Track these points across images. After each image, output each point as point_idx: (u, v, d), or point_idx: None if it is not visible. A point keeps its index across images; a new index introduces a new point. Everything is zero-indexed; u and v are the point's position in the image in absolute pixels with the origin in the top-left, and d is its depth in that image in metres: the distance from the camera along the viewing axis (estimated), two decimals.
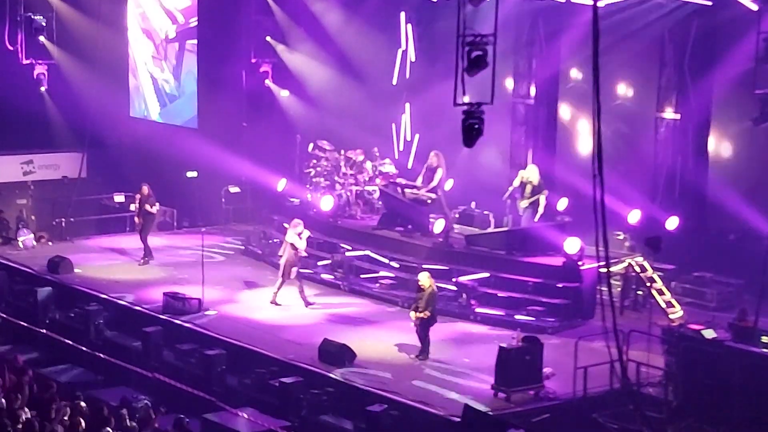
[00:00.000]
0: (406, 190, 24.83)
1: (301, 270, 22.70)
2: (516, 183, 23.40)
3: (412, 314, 19.59)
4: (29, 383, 15.29)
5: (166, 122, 31.71)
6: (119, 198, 30.58)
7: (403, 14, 27.27)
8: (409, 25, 27.22)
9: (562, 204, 23.35)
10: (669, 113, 24.26)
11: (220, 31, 29.70)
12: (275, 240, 26.59)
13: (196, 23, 30.38)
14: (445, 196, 24.58)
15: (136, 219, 26.07)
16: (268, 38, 29.60)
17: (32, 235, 27.47)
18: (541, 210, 23.02)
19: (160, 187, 29.55)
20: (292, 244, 22.36)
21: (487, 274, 22.43)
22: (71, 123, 31.64)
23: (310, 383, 18.46)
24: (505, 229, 23.62)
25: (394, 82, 27.34)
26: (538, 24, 25.56)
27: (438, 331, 19.86)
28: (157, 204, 26.11)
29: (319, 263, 24.83)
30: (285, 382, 18.39)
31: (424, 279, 19.65)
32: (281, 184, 26.96)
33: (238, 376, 19.46)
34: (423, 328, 19.51)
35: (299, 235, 22.43)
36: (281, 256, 22.59)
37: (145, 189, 25.67)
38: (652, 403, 17.31)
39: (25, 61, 30.41)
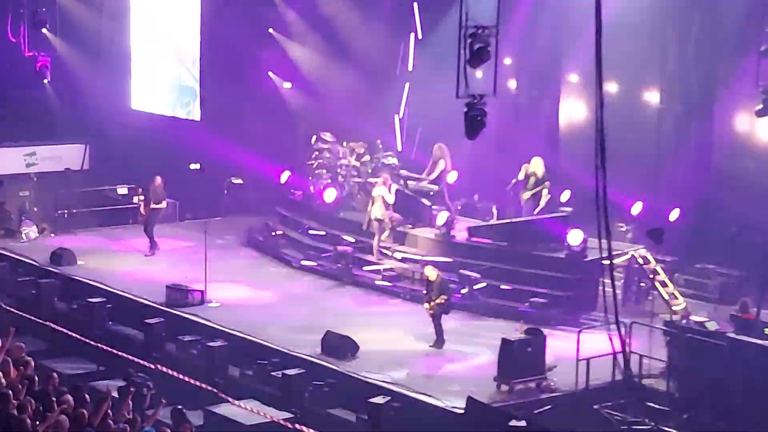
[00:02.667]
0: (409, 182, 24.85)
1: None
2: (520, 176, 23.37)
3: (426, 306, 19.63)
4: (32, 375, 15.29)
5: (172, 115, 31.67)
6: (122, 190, 30.59)
7: (408, 5, 27.16)
8: (413, 16, 27.14)
9: (565, 196, 23.33)
10: (672, 105, 24.23)
11: (223, 23, 29.66)
12: (278, 231, 26.69)
13: (199, 16, 30.35)
14: (447, 188, 24.57)
15: (141, 211, 26.04)
16: (270, 30, 29.57)
17: (35, 227, 27.51)
18: (543, 202, 23.01)
19: (162, 179, 29.58)
20: (383, 198, 23.23)
21: (489, 266, 22.42)
22: (74, 115, 31.64)
23: (312, 375, 18.48)
24: (508, 220, 23.61)
25: (410, 67, 27.25)
26: (539, 13, 25.50)
27: (442, 323, 19.86)
28: (165, 200, 26.01)
29: (322, 255, 24.84)
30: (287, 374, 18.41)
31: (430, 272, 19.74)
32: (284, 176, 26.97)
33: (241, 367, 19.48)
34: (438, 317, 19.55)
35: (389, 188, 23.32)
36: (369, 213, 23.57)
37: (158, 180, 25.68)
38: (654, 395, 17.32)
39: (27, 54, 30.40)
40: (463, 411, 16.77)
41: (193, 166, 30.08)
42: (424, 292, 19.97)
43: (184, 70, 31.16)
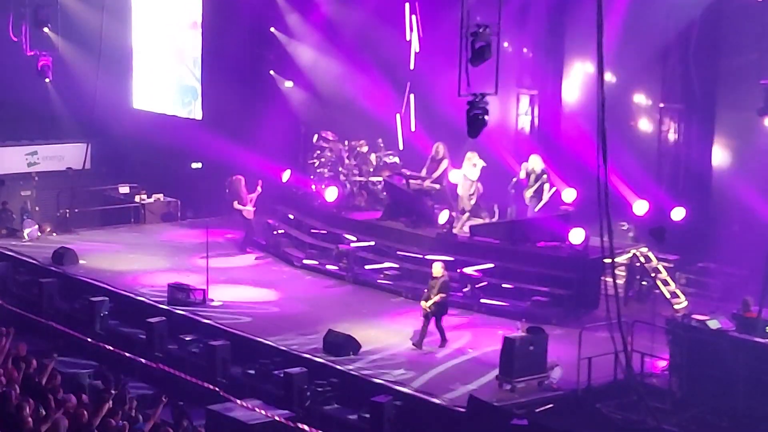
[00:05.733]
0: (411, 181, 24.83)
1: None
2: (521, 175, 23.38)
3: (424, 303, 19.58)
4: (33, 374, 15.30)
5: (173, 114, 31.68)
6: (124, 189, 30.62)
7: (407, 4, 27.11)
8: (414, 16, 27.09)
9: (570, 195, 23.27)
10: (673, 104, 24.22)
11: (225, 23, 29.66)
12: (280, 231, 26.69)
13: (200, 15, 30.36)
14: (449, 187, 24.57)
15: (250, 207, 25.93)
16: (272, 29, 29.55)
17: (37, 227, 27.52)
18: (545, 199, 23.00)
19: (164, 178, 29.60)
20: (464, 176, 23.46)
21: (491, 265, 22.42)
22: (75, 114, 31.66)
23: (314, 374, 18.48)
24: (510, 219, 23.60)
25: (412, 66, 27.20)
26: (542, 12, 25.47)
27: (443, 322, 19.86)
28: (244, 206, 26.04)
29: (324, 254, 24.83)
30: (289, 373, 18.40)
31: (438, 269, 19.68)
32: (286, 175, 26.95)
33: (242, 366, 19.48)
34: (437, 317, 19.52)
35: (473, 165, 23.36)
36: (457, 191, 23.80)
37: (241, 179, 25.88)
38: (655, 393, 17.31)
39: (29, 53, 30.41)
40: (465, 410, 16.77)
41: (194, 165, 30.19)
42: (426, 290, 19.91)
43: (186, 69, 31.17)
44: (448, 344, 19.70)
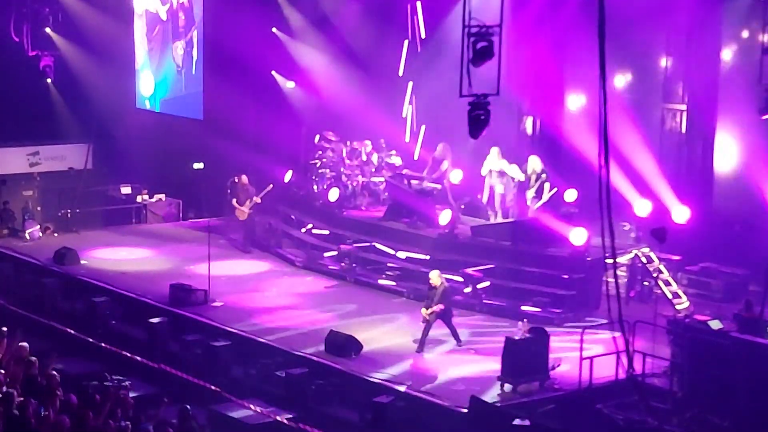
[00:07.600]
0: (412, 182, 24.84)
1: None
2: (521, 176, 23.37)
3: (424, 311, 19.52)
4: (35, 374, 15.32)
5: (174, 113, 31.67)
6: (125, 189, 30.62)
7: (409, 4, 27.12)
8: (416, 15, 27.10)
9: (571, 195, 23.27)
10: (675, 104, 24.22)
11: (225, 23, 29.65)
12: (281, 231, 26.70)
13: (201, 14, 30.36)
14: (451, 188, 24.57)
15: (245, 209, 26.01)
16: (273, 29, 29.54)
17: (38, 227, 27.51)
18: (544, 198, 23.00)
19: (166, 178, 29.60)
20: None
21: (493, 265, 22.41)
22: (77, 114, 31.69)
23: (316, 374, 18.48)
24: (511, 220, 23.61)
25: (401, 72, 27.25)
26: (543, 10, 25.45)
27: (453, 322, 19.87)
28: (240, 206, 26.11)
29: (326, 254, 24.85)
30: (291, 373, 18.41)
31: (435, 277, 19.58)
32: (287, 176, 26.96)
33: (244, 367, 19.48)
34: (444, 320, 19.51)
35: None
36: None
37: (245, 178, 25.79)
38: (657, 393, 17.31)
39: (31, 53, 30.43)
40: (466, 410, 16.77)
41: (196, 166, 30.20)
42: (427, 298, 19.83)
43: (189, 69, 31.14)
44: (446, 345, 19.65)
